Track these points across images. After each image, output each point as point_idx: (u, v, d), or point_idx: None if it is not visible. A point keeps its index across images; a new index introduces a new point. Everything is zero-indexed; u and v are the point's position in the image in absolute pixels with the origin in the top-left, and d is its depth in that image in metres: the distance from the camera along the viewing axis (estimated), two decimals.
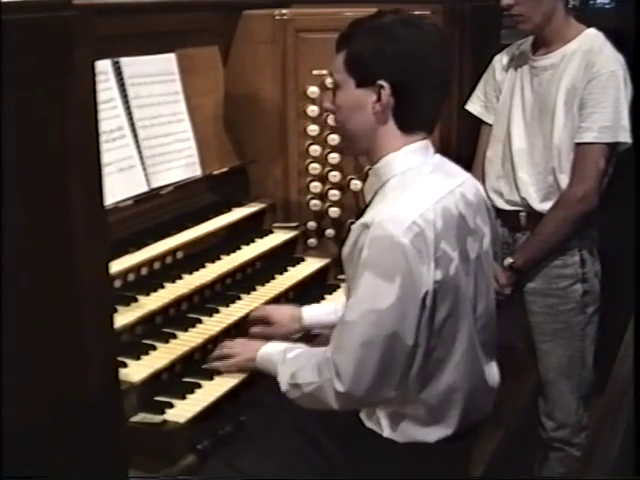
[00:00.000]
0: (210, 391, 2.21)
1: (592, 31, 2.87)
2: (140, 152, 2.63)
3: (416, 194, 1.99)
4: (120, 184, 2.51)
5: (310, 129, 3.01)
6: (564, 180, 2.84)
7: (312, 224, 3.08)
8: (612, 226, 3.03)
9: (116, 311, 2.20)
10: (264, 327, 2.46)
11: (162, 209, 2.70)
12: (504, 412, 2.72)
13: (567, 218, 2.83)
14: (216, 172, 2.91)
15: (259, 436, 2.14)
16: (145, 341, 2.27)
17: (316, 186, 3.05)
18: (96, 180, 1.54)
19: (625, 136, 2.77)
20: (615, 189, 2.94)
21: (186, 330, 2.36)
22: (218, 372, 2.28)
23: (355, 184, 3.01)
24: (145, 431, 2.02)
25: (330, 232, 3.07)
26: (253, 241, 2.88)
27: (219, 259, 2.69)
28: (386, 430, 2.07)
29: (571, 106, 2.81)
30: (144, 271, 2.49)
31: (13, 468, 1.40)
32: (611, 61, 2.79)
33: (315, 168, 3.05)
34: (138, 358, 2.19)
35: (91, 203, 1.53)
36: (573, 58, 2.83)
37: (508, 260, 2.90)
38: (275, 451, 2.12)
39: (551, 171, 2.85)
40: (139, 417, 2.06)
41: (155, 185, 2.66)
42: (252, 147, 3.05)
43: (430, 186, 2.02)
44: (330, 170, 3.05)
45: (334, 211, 3.06)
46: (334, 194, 3.04)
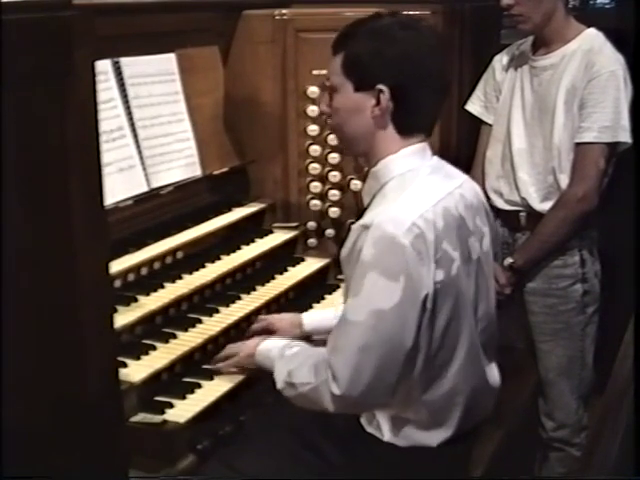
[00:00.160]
0: (210, 391, 2.21)
1: (592, 31, 2.87)
2: (140, 152, 2.63)
3: (415, 195, 1.98)
4: (120, 184, 2.51)
5: (310, 129, 3.01)
6: (564, 180, 2.83)
7: (312, 224, 3.08)
8: (612, 226, 3.03)
9: (116, 311, 2.20)
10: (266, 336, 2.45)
11: (162, 209, 2.70)
12: (504, 412, 2.71)
13: (567, 218, 2.83)
14: (216, 172, 2.91)
15: (259, 436, 2.14)
16: (145, 341, 2.27)
17: (316, 186, 3.05)
18: (96, 180, 1.54)
19: (625, 136, 2.77)
20: (615, 189, 2.93)
21: (186, 330, 2.36)
22: (218, 372, 2.27)
23: (355, 184, 3.01)
24: (145, 431, 2.02)
25: (330, 232, 3.07)
26: (253, 241, 2.88)
27: (219, 259, 2.69)
28: (387, 435, 2.06)
29: (571, 106, 2.80)
30: (144, 271, 2.49)
31: (13, 468, 1.40)
32: (611, 61, 2.79)
33: (315, 168, 3.05)
34: (138, 358, 2.19)
35: (91, 203, 1.53)
36: (573, 58, 2.82)
37: (508, 260, 2.90)
38: (275, 451, 2.11)
39: (551, 171, 2.85)
40: (139, 417, 2.06)
41: (155, 185, 2.67)
42: (252, 147, 3.05)
43: (429, 187, 2.01)
44: (330, 170, 3.05)
45: (334, 211, 3.06)
46: (334, 194, 3.04)
